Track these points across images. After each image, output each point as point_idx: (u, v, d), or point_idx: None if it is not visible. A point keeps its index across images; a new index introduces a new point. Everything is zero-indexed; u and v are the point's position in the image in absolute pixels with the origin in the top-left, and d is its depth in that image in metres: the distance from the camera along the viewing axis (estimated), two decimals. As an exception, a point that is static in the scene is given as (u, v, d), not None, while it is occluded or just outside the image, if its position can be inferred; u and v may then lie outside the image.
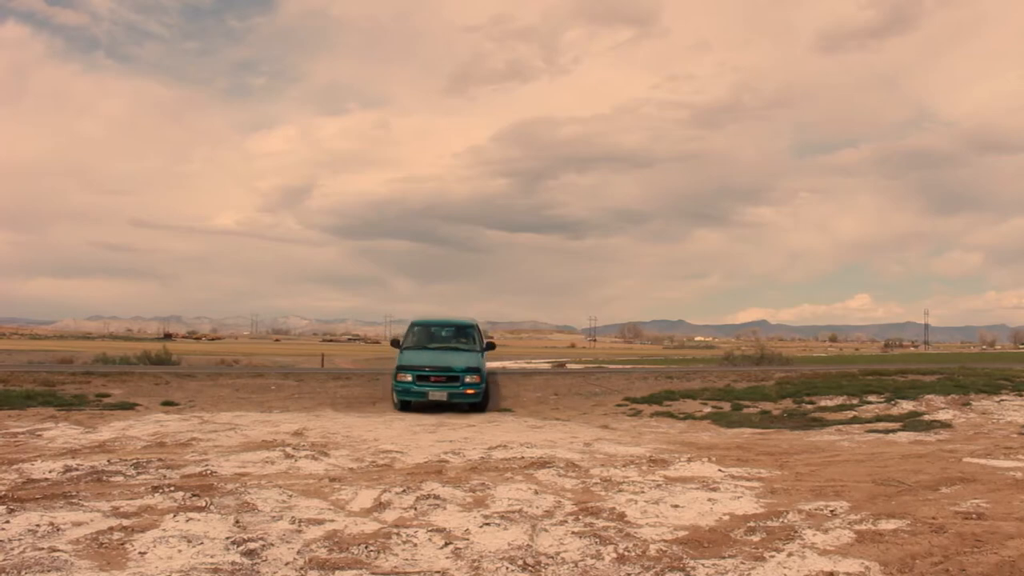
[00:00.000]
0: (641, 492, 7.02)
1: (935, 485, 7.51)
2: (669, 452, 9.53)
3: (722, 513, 6.28)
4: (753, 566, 4.83)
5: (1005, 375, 20.83)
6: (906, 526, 5.80)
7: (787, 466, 8.67)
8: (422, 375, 15.13)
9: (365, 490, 6.91)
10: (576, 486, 7.34)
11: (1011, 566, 4.82)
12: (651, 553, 5.11)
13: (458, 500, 6.56)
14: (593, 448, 9.82)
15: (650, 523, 5.93)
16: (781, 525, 5.85)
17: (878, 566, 4.84)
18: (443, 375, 15.15)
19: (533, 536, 5.50)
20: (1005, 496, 6.99)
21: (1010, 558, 4.97)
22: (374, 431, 11.43)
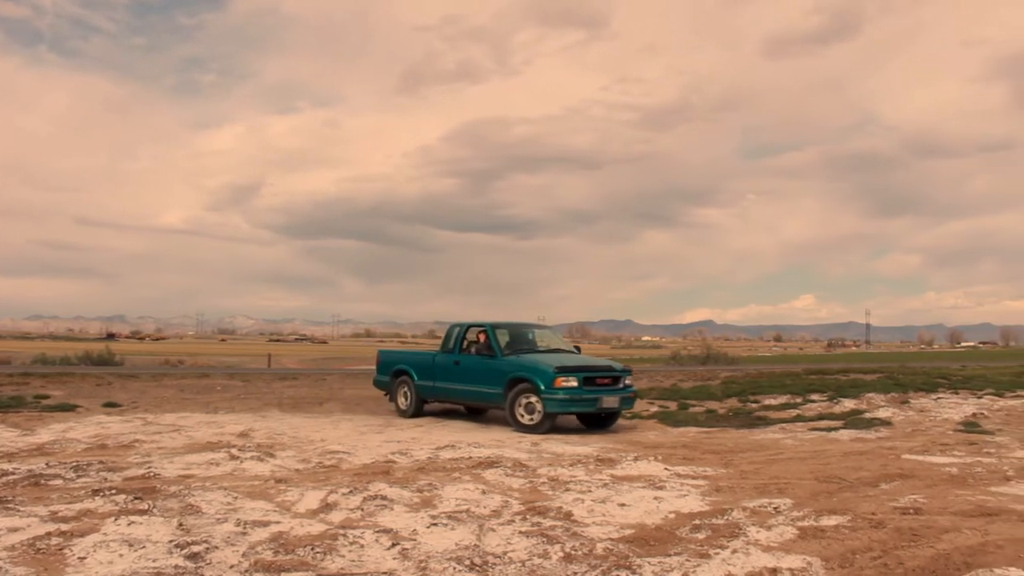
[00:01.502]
0: (588, 491, 7.06)
1: (875, 481, 7.68)
2: (616, 451, 9.60)
3: (668, 511, 6.34)
4: (698, 563, 4.89)
5: (942, 374, 21.37)
6: (847, 522, 5.91)
7: (732, 464, 8.79)
8: (589, 377, 12.39)
9: (312, 491, 6.85)
10: (524, 485, 7.36)
11: (945, 559, 4.95)
12: (598, 552, 5.14)
13: (405, 500, 6.54)
14: (541, 447, 9.86)
15: (597, 522, 5.97)
16: (726, 522, 5.92)
17: (820, 561, 4.93)
18: (607, 376, 12.72)
19: (480, 536, 5.50)
20: (941, 491, 7.18)
21: (945, 551, 5.10)
22: (321, 432, 11.35)
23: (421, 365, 14.29)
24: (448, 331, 14.28)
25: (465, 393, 13.53)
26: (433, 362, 14.03)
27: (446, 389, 13.79)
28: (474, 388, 13.21)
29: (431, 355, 14.35)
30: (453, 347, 13.85)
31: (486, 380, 12.94)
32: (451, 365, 13.70)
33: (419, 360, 14.56)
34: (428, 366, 14.10)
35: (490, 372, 12.90)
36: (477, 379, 13.13)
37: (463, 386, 13.42)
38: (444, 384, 13.75)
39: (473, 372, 13.24)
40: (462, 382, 13.42)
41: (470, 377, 13.28)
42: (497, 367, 12.83)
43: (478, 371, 13.14)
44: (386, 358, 15.48)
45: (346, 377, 20.89)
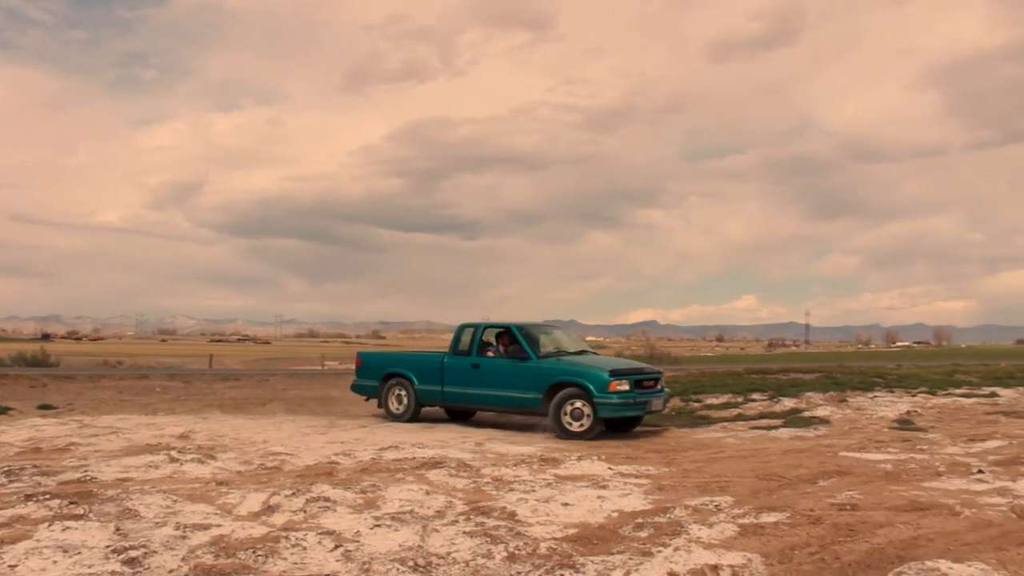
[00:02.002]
0: (532, 491, 7.08)
1: (813, 479, 7.82)
2: (560, 451, 9.64)
3: (611, 510, 6.39)
4: (641, 561, 4.94)
5: (878, 372, 21.81)
6: (786, 518, 6.02)
7: (674, 463, 8.88)
8: (639, 380, 12.04)
9: (253, 493, 6.77)
10: (467, 486, 7.36)
11: (880, 552, 5.08)
12: (541, 551, 5.17)
13: (348, 502, 6.49)
14: (485, 448, 9.86)
15: (540, 521, 5.99)
16: (668, 521, 5.99)
17: (759, 558, 5.01)
18: (652, 379, 12.39)
19: (424, 537, 5.49)
20: (876, 487, 7.34)
21: (879, 545, 5.23)
22: (263, 433, 11.22)
23: (424, 368, 13.44)
24: (458, 332, 13.42)
25: (490, 399, 12.74)
26: (442, 365, 13.20)
27: (463, 394, 13.00)
28: (503, 393, 12.45)
29: (437, 357, 13.50)
30: (469, 349, 13.00)
31: (520, 385, 12.24)
32: (468, 369, 12.88)
33: (421, 363, 13.68)
34: (434, 370, 13.28)
35: (525, 376, 12.21)
36: (507, 384, 12.39)
37: (487, 391, 12.63)
38: (458, 389, 12.96)
39: (501, 376, 12.49)
40: (485, 387, 12.64)
41: (497, 381, 12.51)
42: (534, 371, 12.18)
43: (508, 375, 12.40)
44: (371, 361, 14.57)
45: (289, 378, 20.70)
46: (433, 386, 13.20)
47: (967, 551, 5.12)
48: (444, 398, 13.24)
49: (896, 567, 4.74)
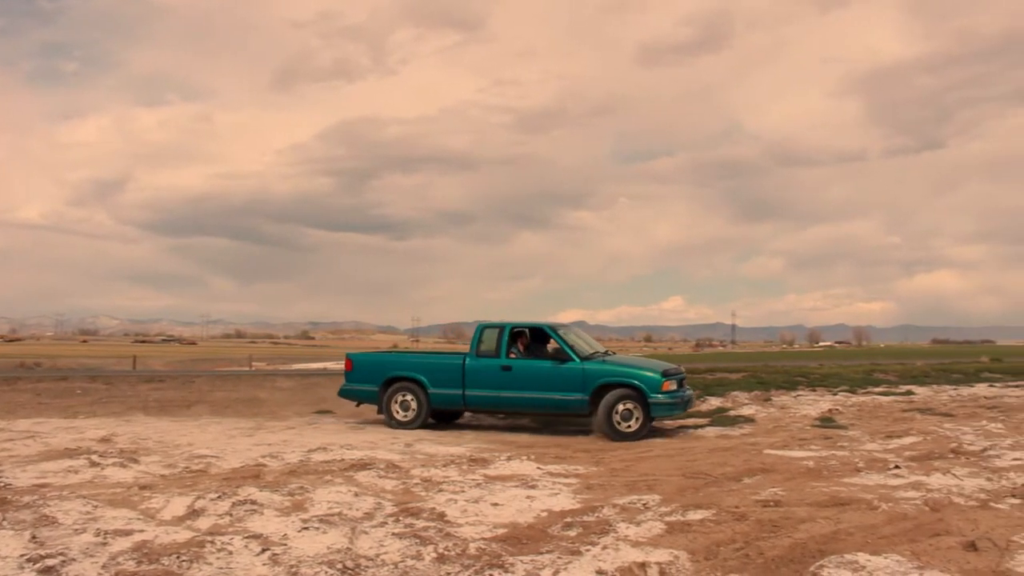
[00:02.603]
0: (461, 491, 7.08)
1: (738, 476, 7.97)
2: (489, 451, 9.65)
3: (540, 510, 6.42)
4: (570, 560, 4.97)
5: (802, 372, 22.31)
6: (712, 516, 6.12)
7: (603, 462, 8.96)
8: (681, 379, 12.41)
9: (178, 497, 6.63)
10: (397, 487, 7.32)
11: (802, 547, 5.20)
12: (471, 552, 5.17)
13: (276, 505, 6.40)
14: (414, 448, 9.82)
15: (470, 522, 5.99)
16: (596, 520, 6.04)
17: (686, 555, 5.08)
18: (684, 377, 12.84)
19: (353, 539, 5.44)
20: (799, 484, 7.51)
21: (801, 540, 5.36)
22: (189, 435, 11.01)
23: (440, 371, 12.81)
24: (478, 333, 12.90)
25: (525, 401, 12.36)
26: (463, 368, 12.65)
27: (490, 398, 12.52)
28: (542, 395, 12.18)
29: (456, 359, 12.93)
30: (497, 351, 12.54)
31: (562, 386, 12.06)
32: (497, 371, 12.43)
33: (436, 365, 13.01)
34: (452, 373, 12.70)
35: (568, 378, 12.06)
36: (546, 386, 12.15)
37: (522, 393, 12.28)
38: (485, 392, 12.48)
39: (539, 378, 12.23)
40: (519, 389, 12.29)
41: (534, 384, 12.22)
42: (579, 372, 12.04)
43: (547, 377, 12.18)
44: (368, 364, 13.57)
45: (216, 379, 20.29)
46: (452, 390, 12.61)
47: (884, 544, 5.27)
48: (466, 402, 12.68)
49: (817, 561, 4.85)
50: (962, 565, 4.83)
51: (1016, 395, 19.01)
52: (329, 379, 19.16)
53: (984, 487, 7.28)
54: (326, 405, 15.87)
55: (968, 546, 5.19)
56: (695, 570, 4.84)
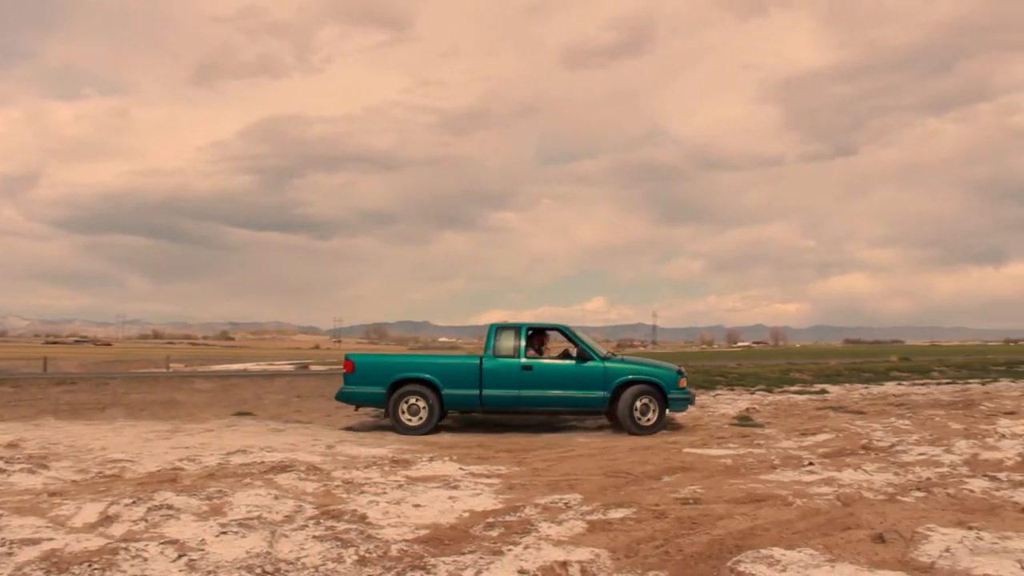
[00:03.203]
0: (383, 493, 7.03)
1: (659, 475, 8.08)
2: (412, 452, 9.61)
3: (462, 510, 6.41)
4: (491, 560, 4.98)
5: (721, 371, 22.78)
6: (632, 514, 6.19)
7: (525, 462, 9.00)
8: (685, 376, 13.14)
9: (90, 503, 6.44)
10: (317, 489, 7.24)
11: (720, 543, 5.30)
12: (392, 553, 5.14)
13: (193, 509, 6.27)
14: (336, 450, 9.73)
15: (392, 523, 5.96)
16: (518, 519, 6.06)
17: (607, 553, 5.14)
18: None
19: (273, 543, 5.37)
20: (717, 481, 7.65)
21: (719, 536, 5.46)
22: (102, 439, 10.71)
23: (456, 372, 12.63)
24: (493, 334, 12.82)
25: (546, 400, 12.53)
26: (480, 368, 12.54)
27: (509, 397, 12.51)
28: (564, 394, 12.45)
29: (472, 359, 12.80)
30: (515, 351, 12.60)
31: (584, 385, 12.42)
32: (516, 371, 12.49)
33: (451, 367, 12.80)
34: (469, 373, 12.55)
35: (591, 377, 12.42)
36: (568, 385, 12.45)
37: (543, 392, 12.45)
38: (504, 392, 12.46)
39: (560, 378, 12.50)
40: (540, 388, 12.45)
41: (555, 383, 12.46)
42: (600, 371, 12.44)
43: (569, 376, 12.49)
44: (372, 366, 13.05)
45: (131, 381, 19.78)
46: (468, 390, 12.47)
47: (798, 538, 5.41)
48: (483, 403, 12.56)
49: (735, 556, 4.96)
50: (871, 557, 4.99)
51: (922, 393, 19.71)
52: (249, 380, 18.87)
53: (892, 481, 7.53)
54: (246, 407, 15.61)
55: (876, 538, 5.36)
56: (616, 568, 4.89)
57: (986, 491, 7.01)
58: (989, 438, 10.19)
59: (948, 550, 5.02)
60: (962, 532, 5.41)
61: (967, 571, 4.66)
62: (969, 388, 21.46)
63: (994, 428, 11.15)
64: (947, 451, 9.28)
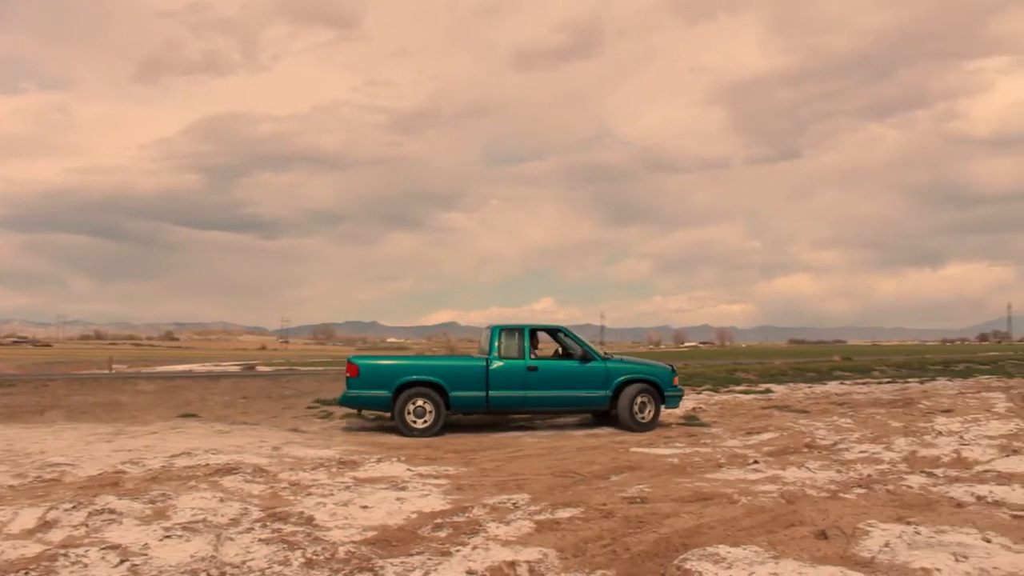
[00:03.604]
0: (331, 494, 6.98)
1: (606, 474, 8.14)
2: (359, 453, 9.56)
3: (410, 511, 6.39)
4: (440, 561, 4.97)
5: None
6: (580, 513, 6.23)
7: (473, 463, 9.00)
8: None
9: (28, 509, 6.28)
10: (264, 491, 7.16)
11: (667, 541, 5.35)
12: (340, 555, 5.11)
13: (136, 513, 6.16)
14: (282, 452, 9.63)
15: (339, 525, 5.92)
16: (466, 520, 6.06)
17: (555, 552, 5.16)
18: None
19: (218, 546, 5.30)
20: (664, 480, 7.73)
21: (666, 535, 5.52)
22: (41, 443, 10.48)
23: (463, 374, 12.63)
24: (496, 335, 12.88)
25: (551, 400, 12.81)
26: (486, 370, 12.60)
27: (515, 398, 12.67)
28: (568, 394, 12.79)
29: (478, 361, 12.83)
30: (520, 352, 12.74)
31: (587, 385, 12.79)
32: (522, 372, 12.64)
33: (457, 368, 12.82)
34: (476, 375, 12.59)
35: (593, 376, 12.81)
36: (572, 384, 12.79)
37: (548, 393, 12.70)
38: (510, 393, 12.60)
39: (565, 378, 12.80)
40: (545, 389, 12.68)
41: (560, 383, 12.75)
42: (603, 371, 12.85)
43: (573, 376, 12.81)
44: (377, 368, 12.85)
45: (72, 382, 19.36)
46: (475, 392, 12.52)
47: (743, 536, 5.49)
48: (489, 404, 12.61)
49: (681, 554, 5.01)
50: (813, 553, 5.08)
51: (864, 392, 20.09)
52: (195, 381, 18.60)
53: (834, 479, 7.67)
54: (191, 408, 15.37)
55: (819, 535, 5.46)
56: (564, 567, 4.92)
57: (924, 487, 7.18)
58: (927, 435, 10.43)
59: (887, 545, 5.13)
60: (901, 527, 5.53)
61: (905, 565, 4.76)
62: (908, 387, 21.95)
63: (931, 426, 11.43)
64: (887, 449, 9.48)
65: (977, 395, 17.59)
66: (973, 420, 12.08)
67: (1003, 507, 6.35)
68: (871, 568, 4.76)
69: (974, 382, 23.65)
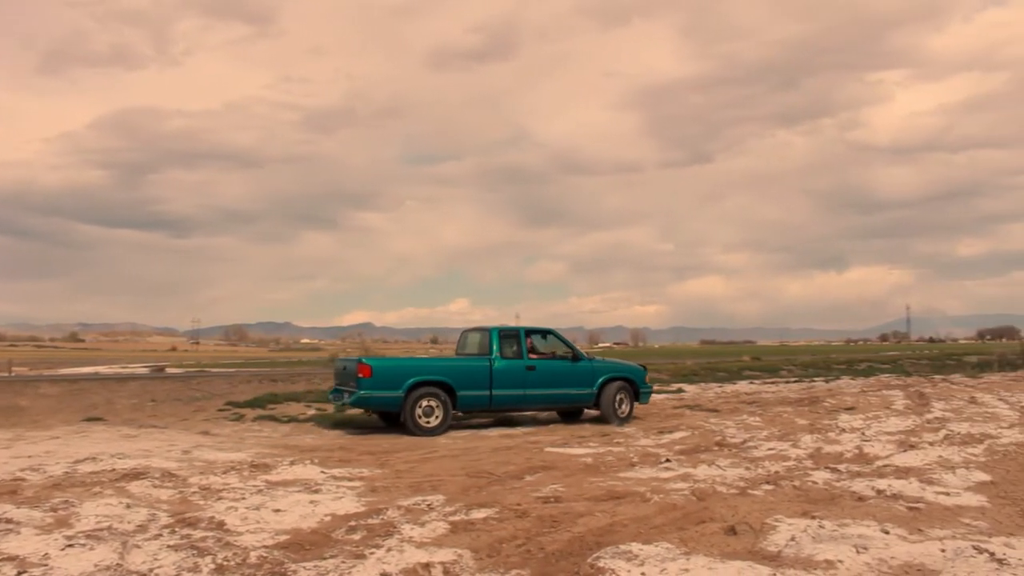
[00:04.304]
0: (242, 498, 6.86)
1: (520, 474, 8.18)
2: (272, 456, 9.42)
3: (324, 514, 6.33)
4: (354, 564, 4.93)
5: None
6: (495, 514, 6.25)
7: (388, 464, 8.95)
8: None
9: (-80, 518, 6.02)
10: (173, 496, 7.00)
11: (580, 540, 5.42)
12: (252, 560, 5.02)
13: (36, 522, 5.94)
14: (192, 455, 9.43)
15: (251, 529, 5.83)
16: (381, 522, 6.03)
17: (470, 553, 5.17)
18: None
19: (124, 554, 5.15)
20: (577, 480, 7.81)
21: (580, 533, 5.58)
22: (-67, 449, 10.05)
23: (469, 374, 13.01)
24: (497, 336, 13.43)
25: (546, 398, 13.73)
26: (490, 369, 13.10)
27: (516, 396, 13.32)
28: (561, 391, 13.69)
29: (483, 361, 13.22)
30: (519, 352, 13.43)
31: (576, 383, 13.76)
32: (522, 371, 13.29)
33: (465, 369, 13.13)
34: (481, 375, 13.05)
35: (581, 375, 13.79)
36: (564, 383, 13.65)
37: (544, 391, 13.51)
38: (511, 391, 13.20)
39: (558, 376, 13.61)
40: (541, 387, 13.45)
41: (554, 381, 13.56)
42: (589, 369, 13.90)
43: (565, 375, 13.67)
44: (389, 369, 12.89)
45: (-34, 387, 18.63)
46: (481, 391, 12.99)
47: (655, 533, 5.59)
48: (492, 403, 13.19)
49: (595, 552, 5.07)
50: (723, 548, 5.20)
51: (772, 391, 20.63)
52: (101, 384, 18.04)
53: (743, 476, 7.86)
54: (96, 412, 14.91)
55: (728, 530, 5.60)
56: (478, 568, 4.93)
57: (828, 482, 7.41)
58: (831, 432, 10.78)
59: (793, 539, 5.29)
60: (806, 522, 5.71)
61: (810, 557, 4.91)
62: (814, 386, 22.63)
63: (835, 423, 11.80)
64: (794, 446, 9.75)
65: (878, 393, 18.23)
66: (874, 417, 12.53)
67: (900, 500, 6.61)
68: (778, 562, 4.89)
69: (875, 381, 24.51)
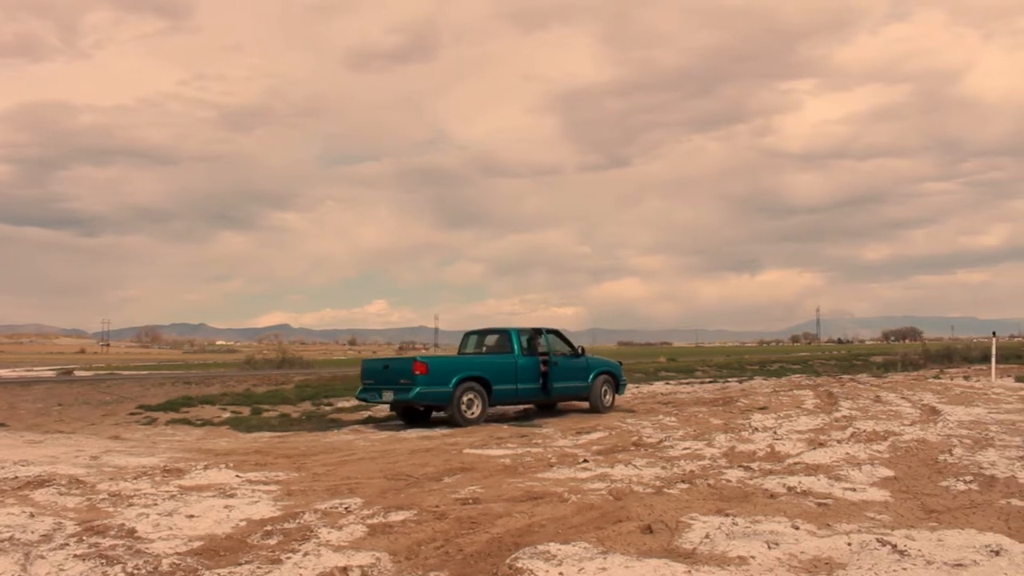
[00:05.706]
0: (154, 504, 6.71)
1: (439, 476, 8.17)
2: (185, 460, 9.22)
3: (239, 519, 6.22)
4: (269, 570, 4.86)
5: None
6: (413, 516, 6.23)
7: (305, 467, 8.84)
8: None
9: None
10: (80, 504, 6.80)
11: (499, 541, 5.43)
12: (164, 568, 4.91)
13: (-66, 531, 5.72)
14: (101, 461, 9.17)
15: (163, 536, 5.69)
16: (297, 526, 5.95)
17: (388, 556, 5.14)
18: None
19: (27, 565, 4.97)
20: (496, 481, 7.83)
21: (499, 534, 5.60)
22: None
23: (501, 370, 14.42)
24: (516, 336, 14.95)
25: (561, 391, 15.23)
26: (515, 366, 14.60)
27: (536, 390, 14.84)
28: (569, 385, 15.33)
29: (510, 359, 14.69)
30: (534, 350, 14.96)
31: (580, 377, 15.49)
32: (539, 367, 14.85)
33: (497, 365, 14.55)
34: (509, 371, 14.50)
35: (582, 370, 15.53)
36: (571, 377, 15.30)
37: (559, 384, 15.05)
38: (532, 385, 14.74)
39: (567, 371, 15.22)
40: (557, 381, 15.00)
41: (564, 376, 15.15)
42: (585, 365, 15.63)
43: (572, 370, 15.32)
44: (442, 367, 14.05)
45: None
46: (511, 385, 14.42)
47: (573, 533, 5.63)
48: (518, 395, 14.67)
49: (513, 553, 5.08)
50: (639, 547, 5.27)
51: (688, 391, 21.02)
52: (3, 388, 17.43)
53: (660, 475, 7.98)
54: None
55: (645, 529, 5.68)
56: (397, 570, 4.91)
57: (741, 480, 7.57)
58: (744, 432, 11.02)
59: (708, 536, 5.39)
60: (720, 519, 5.82)
61: (724, 554, 5.02)
62: (728, 386, 23.12)
63: (748, 423, 12.08)
64: (708, 445, 9.94)
65: (789, 393, 18.73)
66: (785, 416, 12.86)
67: (810, 496, 6.79)
68: (693, 559, 4.98)
69: (787, 381, 25.18)
